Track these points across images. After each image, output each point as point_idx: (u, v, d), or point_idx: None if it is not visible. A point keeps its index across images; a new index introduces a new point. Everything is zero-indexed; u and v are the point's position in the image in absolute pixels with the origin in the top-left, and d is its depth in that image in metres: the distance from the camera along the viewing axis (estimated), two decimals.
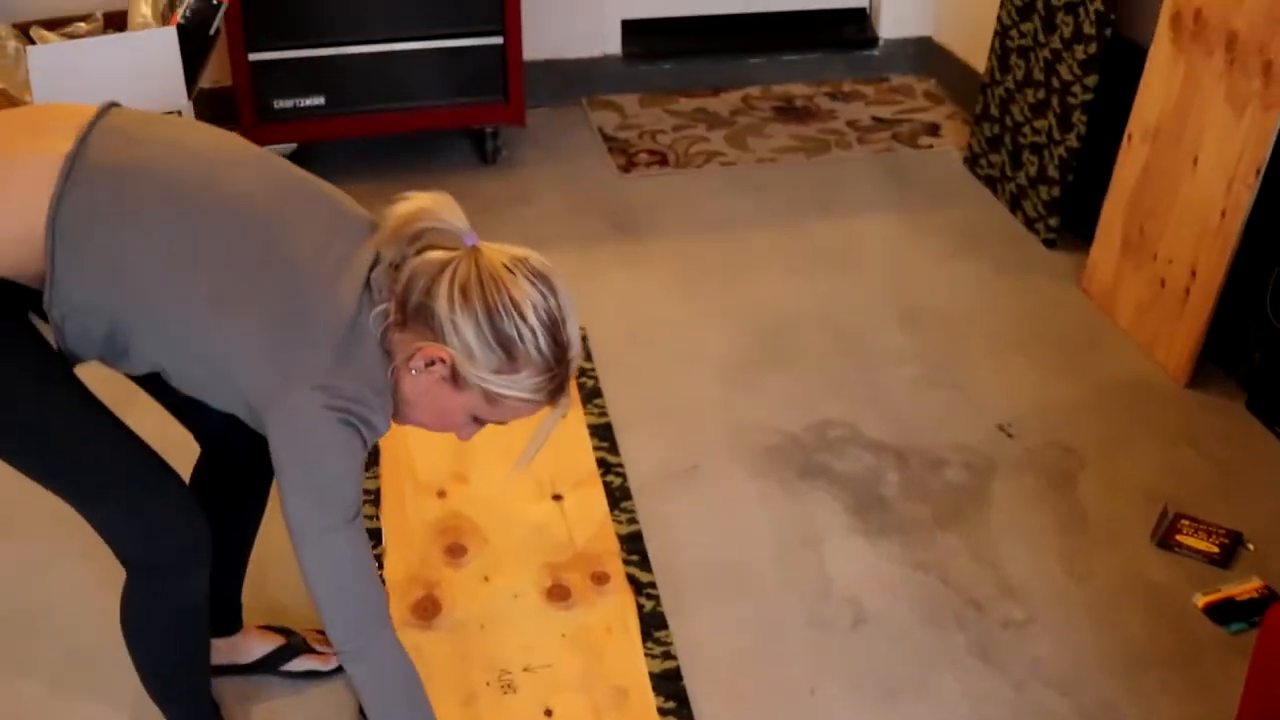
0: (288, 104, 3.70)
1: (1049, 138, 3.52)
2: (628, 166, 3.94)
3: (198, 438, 2.13)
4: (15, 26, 3.42)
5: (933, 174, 3.94)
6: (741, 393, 2.99)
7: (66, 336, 1.73)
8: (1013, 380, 3.03)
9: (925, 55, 4.59)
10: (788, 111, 4.32)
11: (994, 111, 3.81)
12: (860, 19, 4.66)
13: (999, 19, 3.78)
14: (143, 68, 3.20)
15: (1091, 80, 3.35)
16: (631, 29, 4.45)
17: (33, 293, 1.73)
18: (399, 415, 1.82)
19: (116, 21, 3.48)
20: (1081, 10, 3.36)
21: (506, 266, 1.69)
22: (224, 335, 1.69)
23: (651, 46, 4.47)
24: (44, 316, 1.74)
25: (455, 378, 1.72)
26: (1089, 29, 3.34)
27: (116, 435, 1.82)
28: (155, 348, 1.74)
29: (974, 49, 4.24)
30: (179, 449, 2.01)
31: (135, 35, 3.21)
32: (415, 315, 1.72)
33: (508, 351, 1.68)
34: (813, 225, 3.66)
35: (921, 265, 3.49)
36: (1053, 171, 3.50)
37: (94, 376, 1.83)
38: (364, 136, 3.89)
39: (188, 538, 1.87)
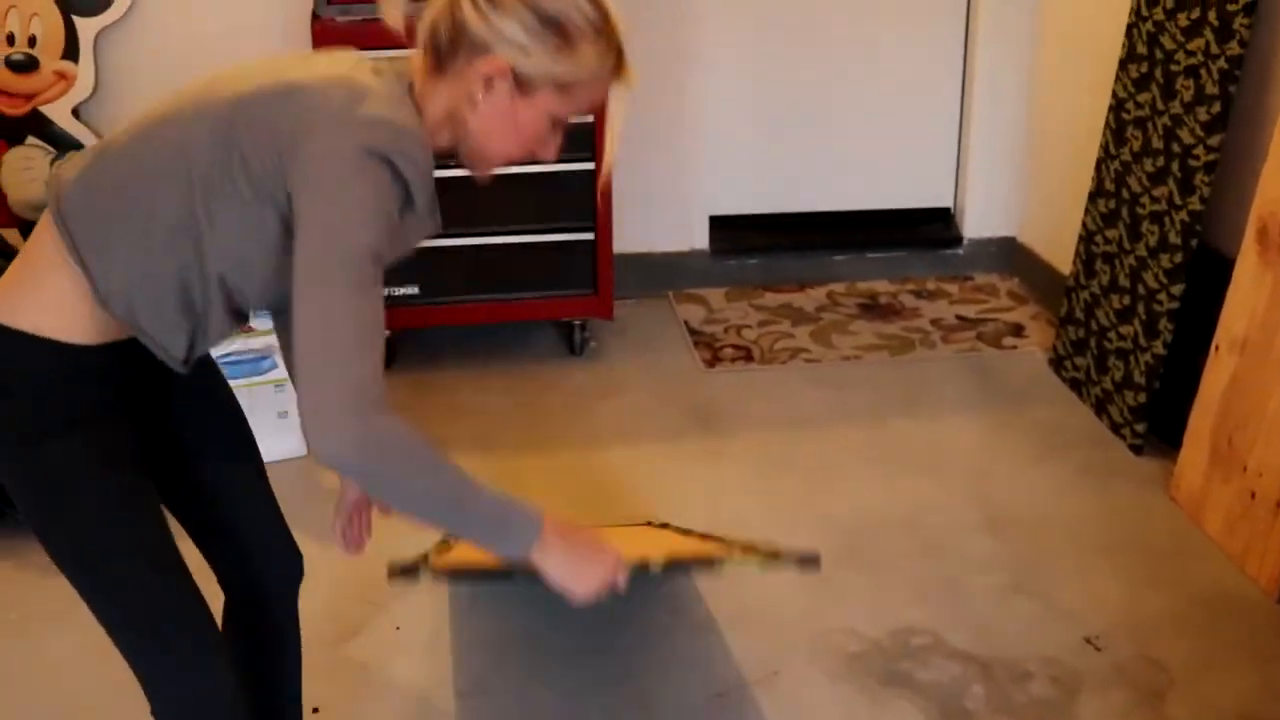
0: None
1: (1135, 344, 3.53)
2: (712, 361, 3.99)
3: (224, 580, 2.06)
4: None
5: (1017, 375, 3.95)
6: (822, 595, 2.97)
7: (152, 330, 1.72)
8: (1100, 589, 2.99)
9: (1009, 255, 4.64)
10: (872, 309, 4.36)
11: (1079, 315, 3.83)
12: (945, 218, 4.72)
13: (1084, 224, 3.82)
14: None
15: (1178, 289, 3.37)
16: (718, 224, 4.54)
17: (129, 355, 1.73)
18: (483, 164, 1.76)
19: None
20: (1167, 220, 3.39)
21: None
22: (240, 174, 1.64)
23: (738, 242, 4.55)
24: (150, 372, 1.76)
25: (520, 84, 1.66)
26: (1175, 238, 3.36)
27: (177, 584, 1.79)
28: (219, 253, 1.68)
29: (1058, 250, 4.28)
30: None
31: None
32: (450, 54, 1.67)
33: (559, 30, 1.64)
34: (896, 424, 3.67)
35: (1006, 468, 3.48)
36: (1139, 377, 3.50)
37: None
38: (455, 326, 3.98)
39: (223, 704, 1.82)
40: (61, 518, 1.74)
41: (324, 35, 3.59)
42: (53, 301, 1.69)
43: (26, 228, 4.05)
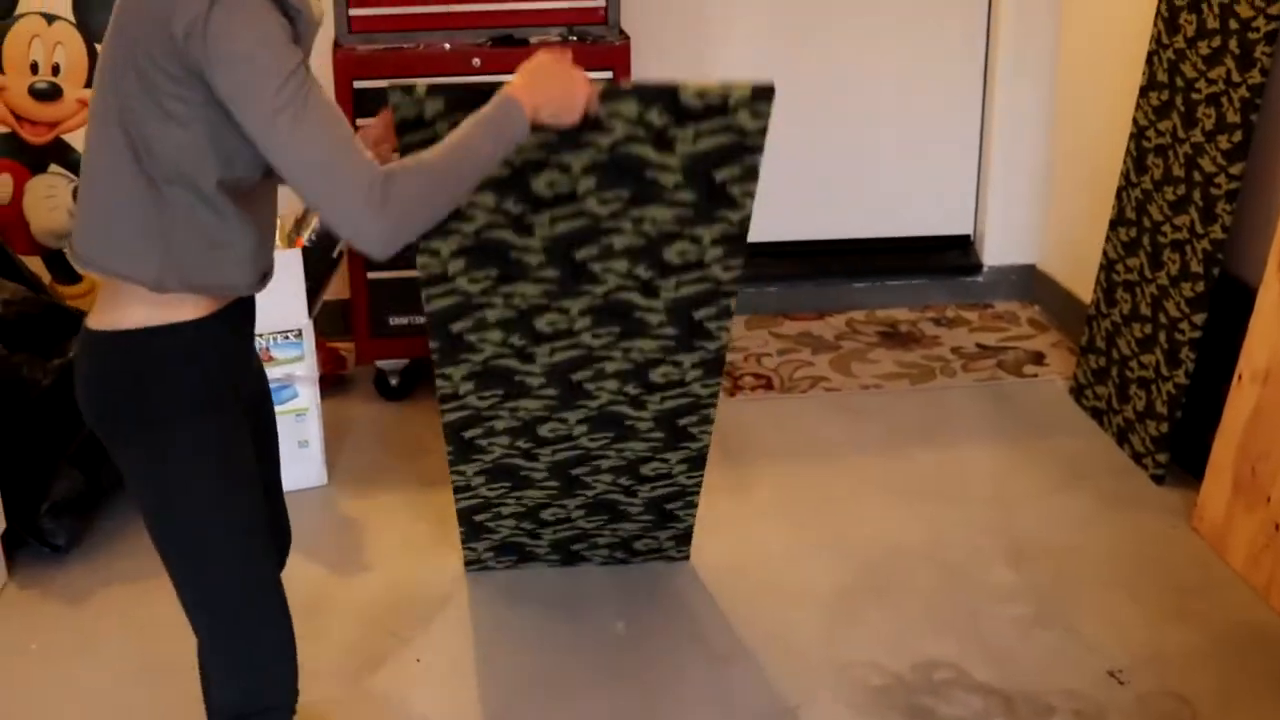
0: (402, 320, 3.80)
1: (1157, 373, 3.51)
2: (733, 390, 3.99)
3: None
4: None
5: (1038, 404, 3.94)
6: (844, 627, 2.96)
7: (221, 281, 1.89)
8: (1123, 622, 2.97)
9: (1029, 282, 4.63)
10: (892, 337, 4.36)
11: (1100, 344, 3.82)
12: (964, 245, 4.72)
13: (1105, 252, 3.81)
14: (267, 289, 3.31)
15: (1200, 318, 3.35)
16: None
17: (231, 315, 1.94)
18: None
19: None
20: (1189, 248, 3.38)
21: None
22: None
23: (757, 270, 4.54)
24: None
25: None
26: (1196, 267, 3.35)
27: (269, 574, 2.02)
28: (200, 168, 1.81)
29: (1079, 277, 4.27)
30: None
31: None
32: None
33: None
34: (917, 454, 3.66)
35: (1027, 498, 3.46)
36: (1161, 407, 3.49)
37: None
38: None
39: (290, 693, 2.05)
40: (176, 502, 1.92)
41: (345, 64, 3.60)
42: (140, 298, 1.86)
43: (49, 256, 4.07)
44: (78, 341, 1.95)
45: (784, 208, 4.58)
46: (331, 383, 3.92)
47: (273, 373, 3.35)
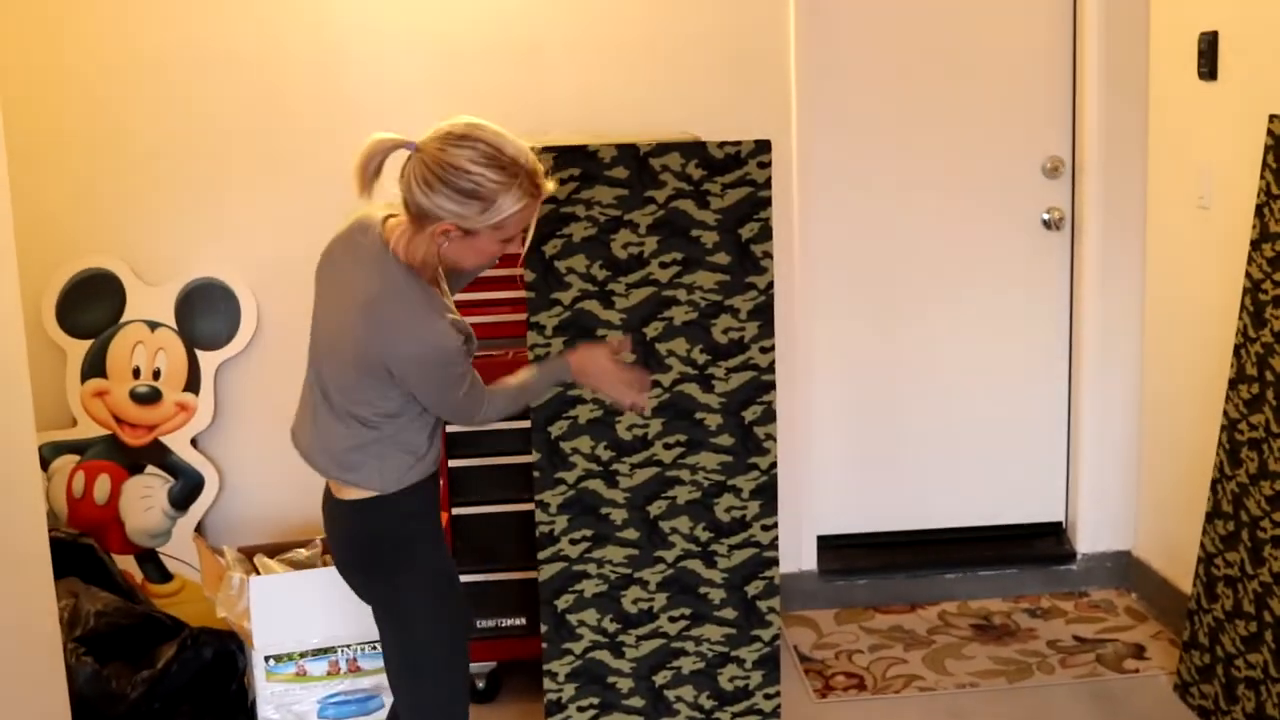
0: (489, 624, 3.78)
1: (1265, 673, 3.39)
2: (824, 691, 3.89)
3: None
4: (241, 551, 3.61)
5: (1141, 702, 3.80)
6: None
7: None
8: None
9: (1125, 569, 4.53)
10: (986, 630, 4.26)
11: (1203, 639, 3.70)
12: (1057, 533, 4.64)
13: (1202, 545, 3.73)
14: (357, 598, 3.32)
15: None
16: (826, 544, 4.50)
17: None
18: (461, 272, 2.64)
19: None
20: None
21: (439, 148, 2.37)
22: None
23: (847, 562, 4.50)
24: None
25: (466, 232, 2.41)
26: None
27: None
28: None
29: (1177, 564, 4.19)
30: None
31: None
32: (417, 216, 2.41)
33: (477, 197, 2.36)
34: None
35: None
36: (1272, 710, 3.35)
37: None
38: None
39: None
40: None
41: None
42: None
43: (144, 556, 4.12)
44: None
45: (873, 498, 4.57)
46: None
47: (360, 684, 3.33)
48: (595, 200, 3.06)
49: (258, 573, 3.42)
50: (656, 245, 3.06)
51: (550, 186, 2.46)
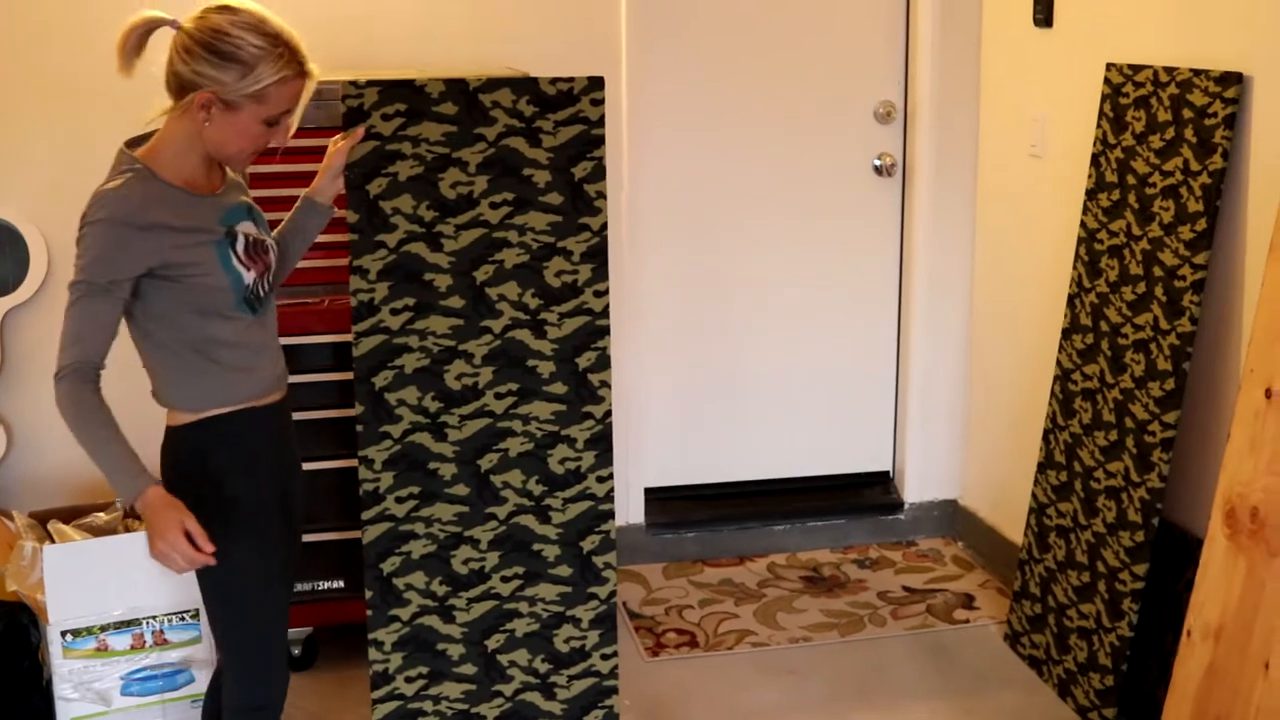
0: (305, 587, 3.57)
1: (1098, 624, 3.39)
2: (656, 649, 3.78)
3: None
4: (32, 516, 3.33)
5: (973, 653, 3.78)
6: None
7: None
8: None
9: (952, 519, 4.53)
10: (816, 582, 4.20)
11: (1034, 590, 3.69)
12: (884, 482, 4.61)
13: (1034, 495, 3.71)
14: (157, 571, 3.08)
15: (1141, 569, 3.25)
16: (653, 497, 4.39)
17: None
18: (230, 162, 2.46)
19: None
20: (1125, 496, 3.30)
21: (200, 17, 2.33)
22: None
23: (674, 515, 4.40)
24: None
25: (226, 104, 2.33)
26: (1135, 515, 3.26)
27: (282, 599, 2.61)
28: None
29: (1003, 512, 4.19)
30: None
31: None
32: (177, 91, 2.35)
33: (237, 59, 2.30)
34: (855, 717, 3.46)
35: None
36: (1104, 659, 3.35)
37: None
38: None
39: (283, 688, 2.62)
40: None
41: None
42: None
43: None
44: None
45: (700, 450, 4.47)
46: None
47: (167, 657, 3.10)
48: (422, 137, 2.86)
49: (52, 540, 3.15)
50: (487, 185, 2.88)
51: (315, 70, 2.40)
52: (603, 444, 2.97)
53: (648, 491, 4.38)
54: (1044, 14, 3.80)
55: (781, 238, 4.38)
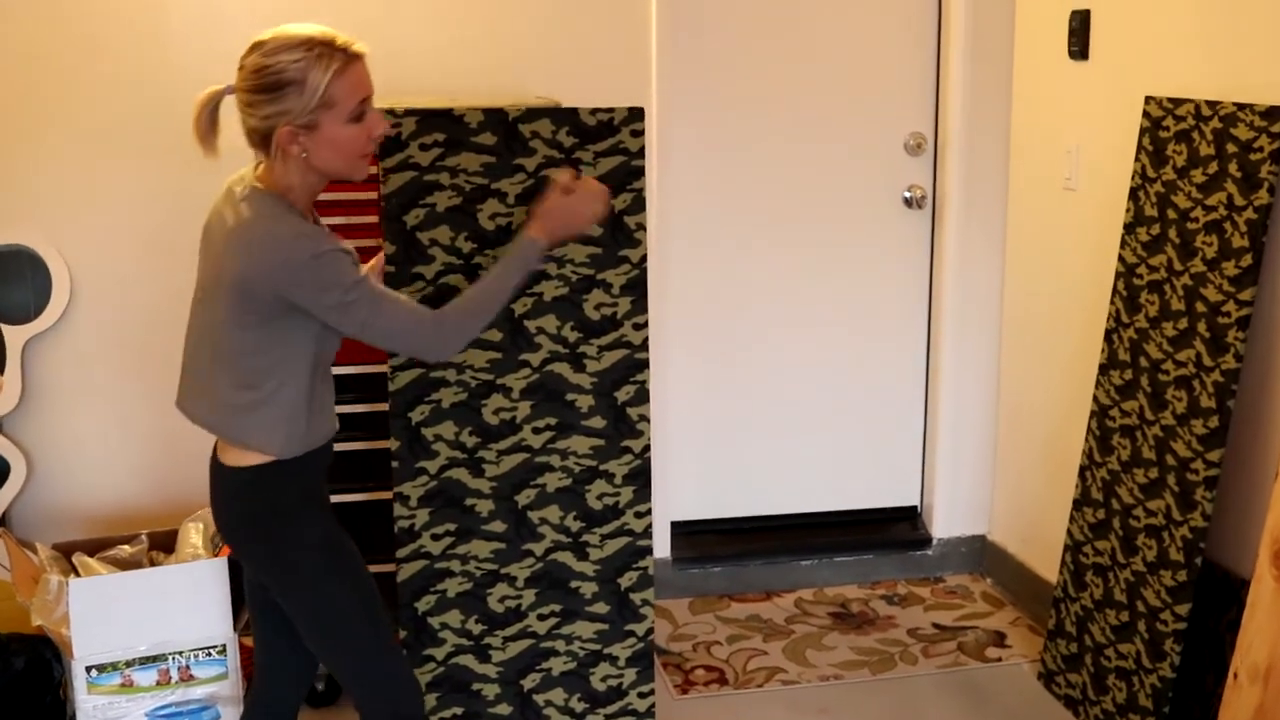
0: None
1: (1138, 664, 3.33)
2: (685, 686, 3.72)
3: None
4: (55, 548, 3.28)
5: (1008, 692, 3.72)
6: None
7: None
8: None
9: (980, 554, 4.48)
10: (845, 618, 4.15)
11: (1070, 628, 3.64)
12: (912, 517, 4.56)
13: (1069, 532, 3.66)
14: (190, 600, 3.04)
15: (1183, 609, 3.20)
16: (680, 531, 4.34)
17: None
18: (347, 176, 2.43)
19: (161, 541, 3.34)
20: (1166, 534, 3.25)
21: (240, 69, 2.36)
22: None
23: (700, 550, 4.35)
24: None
25: (306, 126, 2.34)
26: (1176, 555, 3.21)
27: (385, 620, 2.55)
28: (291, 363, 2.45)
29: (1033, 549, 4.14)
30: None
31: (183, 568, 3.06)
32: (262, 144, 2.38)
33: (288, 83, 2.31)
34: None
35: None
36: (1145, 701, 3.29)
37: None
38: None
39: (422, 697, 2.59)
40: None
41: None
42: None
43: None
44: None
45: (727, 484, 4.42)
46: None
47: (193, 693, 3.05)
48: (461, 168, 2.83)
49: (77, 574, 3.10)
50: (525, 216, 2.85)
51: (363, 47, 2.40)
52: (641, 479, 2.93)
53: (674, 525, 4.32)
54: (1080, 47, 3.77)
55: (810, 269, 4.34)
